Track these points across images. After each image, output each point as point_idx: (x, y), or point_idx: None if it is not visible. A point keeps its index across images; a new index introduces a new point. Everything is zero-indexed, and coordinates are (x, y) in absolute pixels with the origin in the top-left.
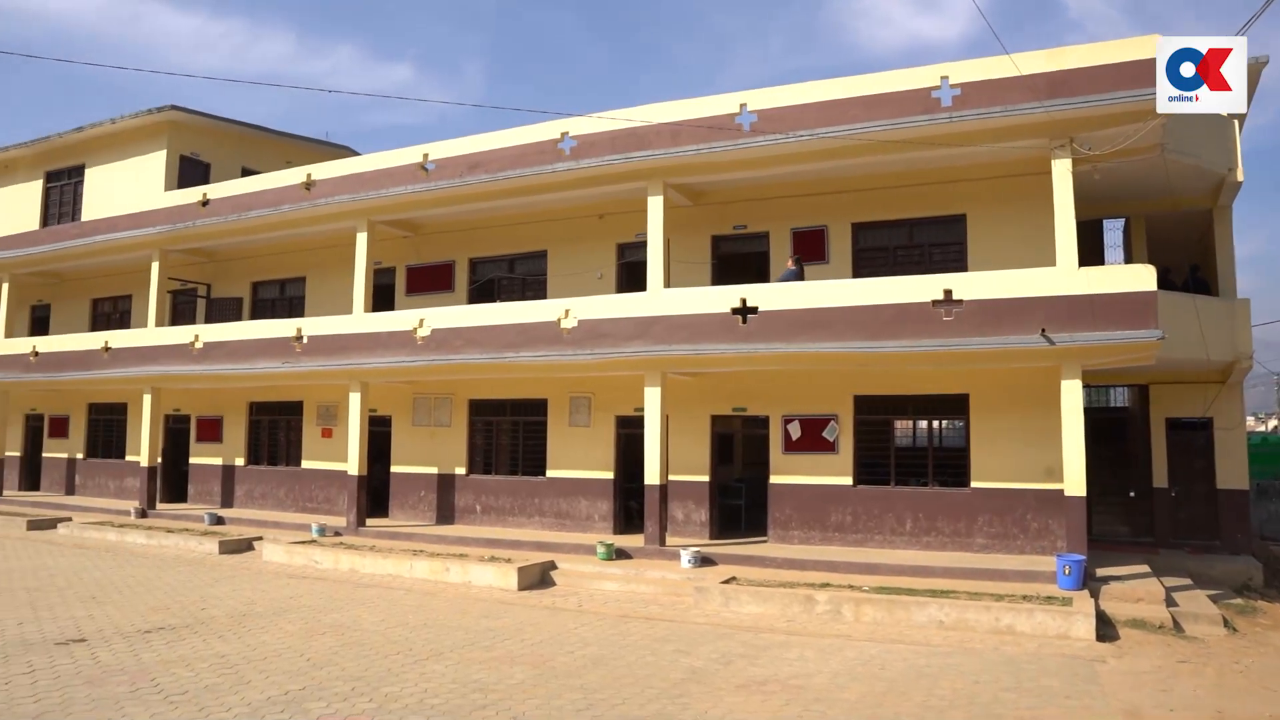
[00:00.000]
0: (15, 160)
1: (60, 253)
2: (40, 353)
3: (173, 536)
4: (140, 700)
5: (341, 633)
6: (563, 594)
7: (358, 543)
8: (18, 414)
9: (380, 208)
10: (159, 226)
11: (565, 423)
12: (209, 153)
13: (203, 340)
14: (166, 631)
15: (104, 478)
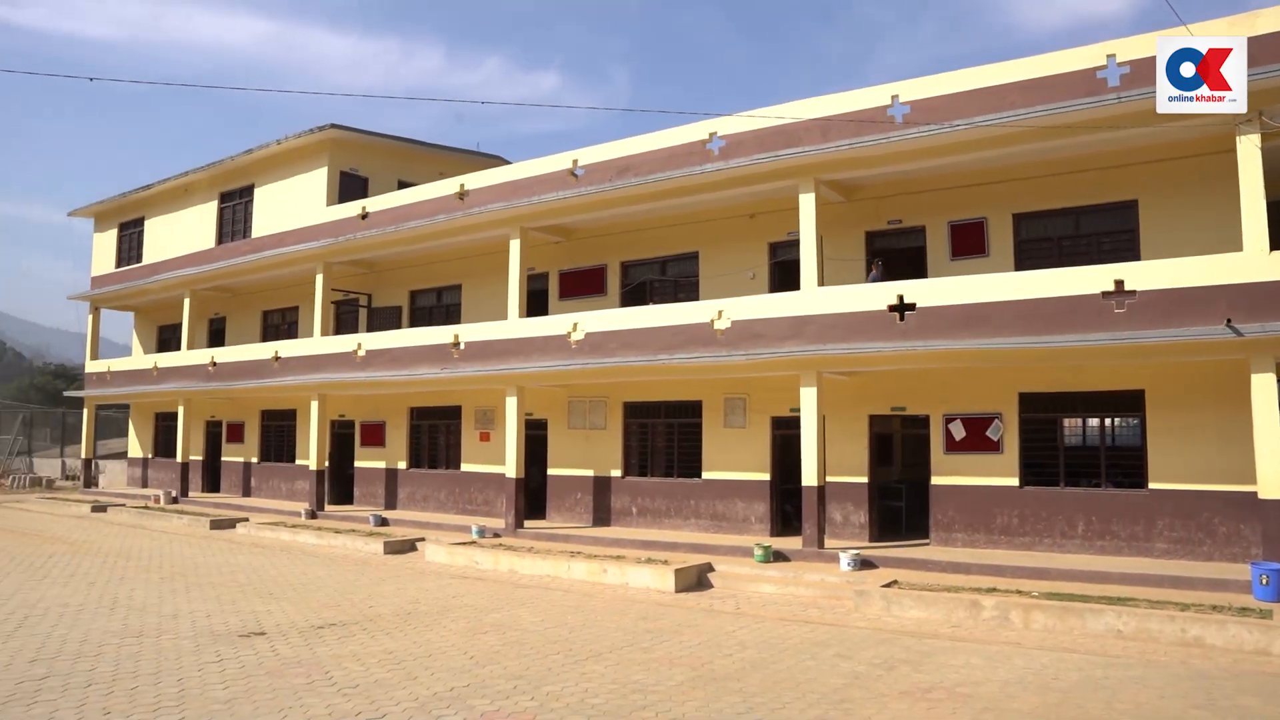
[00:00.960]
0: (193, 184)
1: (234, 268)
2: (218, 363)
3: (340, 537)
4: (315, 692)
5: (502, 632)
6: (720, 596)
7: (516, 544)
8: (199, 421)
9: (532, 214)
10: (322, 240)
11: (720, 424)
12: (367, 167)
13: (365, 348)
14: (338, 627)
15: (276, 480)
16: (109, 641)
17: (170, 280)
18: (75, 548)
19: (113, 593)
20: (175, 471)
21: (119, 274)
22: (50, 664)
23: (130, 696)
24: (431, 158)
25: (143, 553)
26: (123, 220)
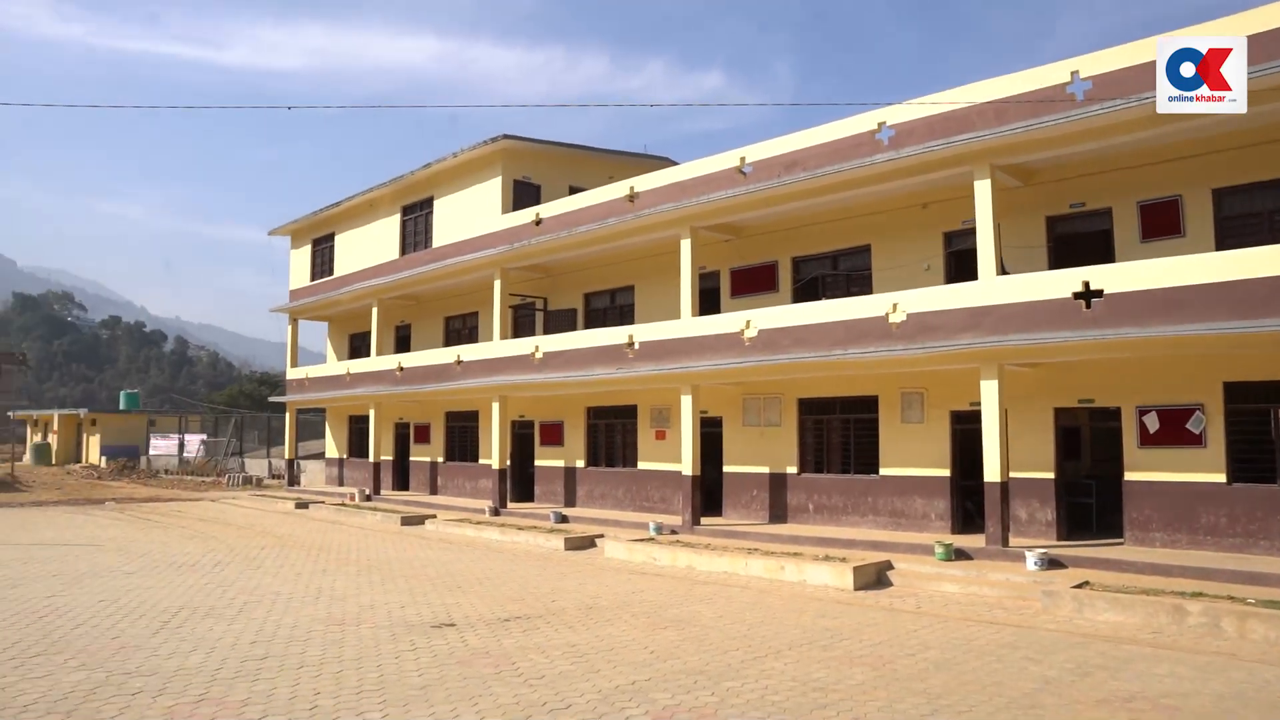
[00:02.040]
0: (377, 199)
1: (416, 277)
2: (405, 368)
3: (523, 534)
4: (503, 681)
5: (682, 627)
6: (900, 595)
7: (693, 541)
8: (388, 423)
9: (701, 214)
10: (499, 247)
11: (897, 419)
12: (539, 174)
13: (542, 350)
14: (522, 620)
15: (461, 479)
16: (315, 628)
17: (359, 291)
18: (283, 541)
19: (317, 584)
20: (368, 471)
21: (313, 287)
22: (267, 646)
23: (336, 679)
24: (600, 162)
25: (341, 547)
26: (315, 237)
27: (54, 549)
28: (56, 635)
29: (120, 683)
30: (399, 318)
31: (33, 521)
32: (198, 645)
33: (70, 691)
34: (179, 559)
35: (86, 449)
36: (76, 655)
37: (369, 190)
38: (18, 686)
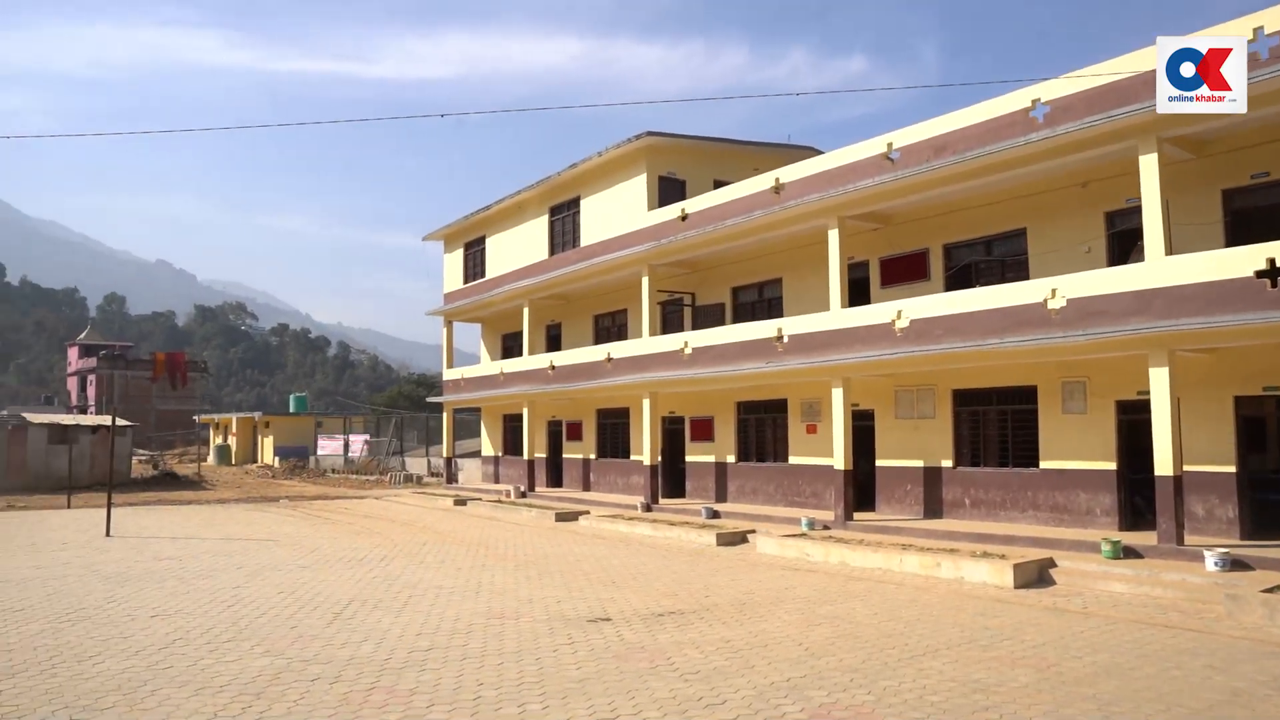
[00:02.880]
0: (526, 201)
1: (565, 277)
2: (556, 366)
3: (675, 529)
4: (659, 676)
5: (836, 624)
6: (1064, 594)
7: (846, 536)
8: (541, 421)
9: (848, 203)
10: (645, 244)
11: (1057, 410)
12: (683, 170)
13: (691, 346)
14: (676, 616)
15: (613, 475)
16: (477, 621)
17: (510, 292)
18: (443, 537)
19: (477, 578)
20: (522, 468)
21: (466, 290)
22: (432, 638)
23: (497, 671)
24: (744, 155)
25: (498, 542)
26: (467, 240)
27: (237, 543)
28: (243, 623)
29: (300, 669)
30: (549, 317)
31: (218, 518)
32: (368, 636)
33: (257, 675)
34: (347, 554)
35: (261, 449)
36: (261, 642)
37: (517, 193)
38: (214, 669)
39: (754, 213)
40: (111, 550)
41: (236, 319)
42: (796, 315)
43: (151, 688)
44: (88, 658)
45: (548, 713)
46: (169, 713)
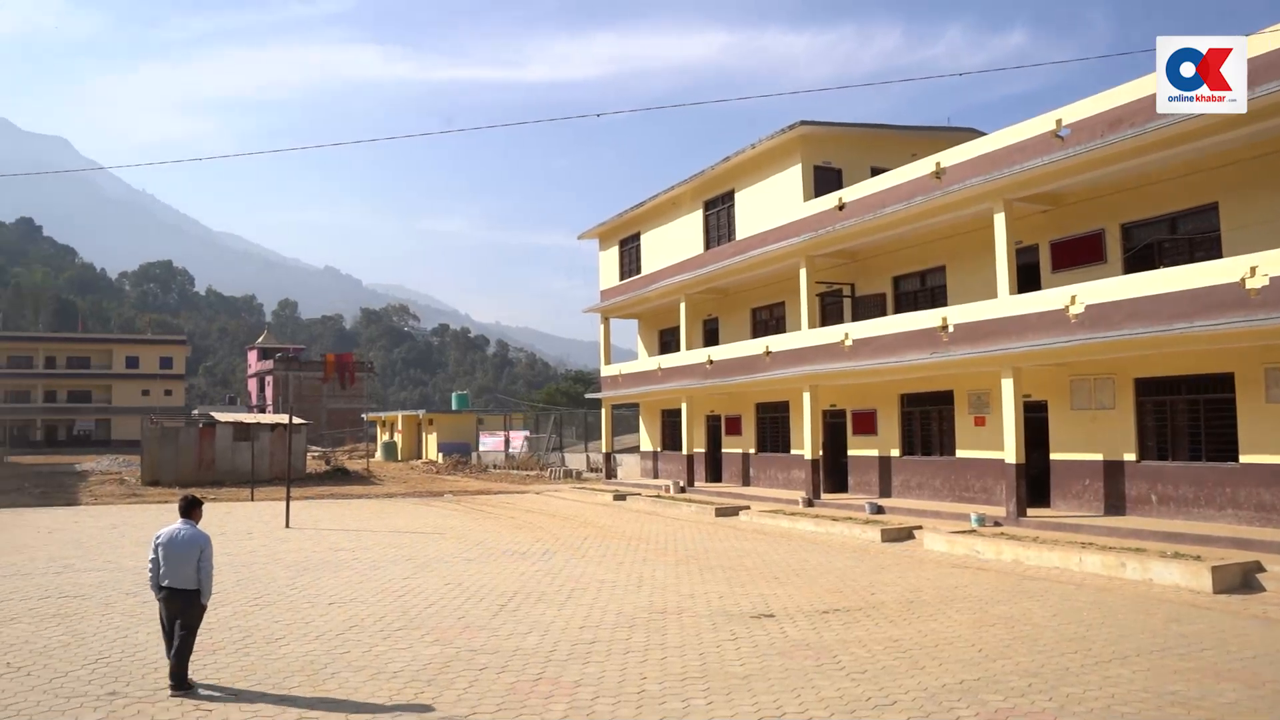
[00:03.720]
0: (679, 196)
1: (721, 271)
2: (714, 360)
3: (837, 525)
4: (825, 674)
5: (1011, 625)
6: (1274, 602)
7: (1019, 533)
8: (700, 416)
9: (1014, 185)
10: (802, 236)
11: (1260, 399)
12: (839, 158)
13: (851, 338)
14: (841, 613)
15: (773, 470)
16: (639, 615)
17: (666, 287)
18: (603, 532)
19: (638, 572)
20: (681, 463)
21: (622, 286)
22: (595, 631)
23: (661, 666)
24: (902, 140)
25: (658, 537)
26: (622, 237)
27: (405, 536)
28: (413, 613)
29: (468, 659)
30: (706, 311)
31: (386, 511)
32: (532, 628)
33: (428, 664)
34: (510, 547)
35: (425, 446)
36: (430, 632)
37: (671, 188)
38: (387, 656)
39: (914, 199)
40: (291, 541)
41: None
42: (962, 304)
43: (331, 670)
44: (275, 640)
45: (712, 708)
46: (348, 695)
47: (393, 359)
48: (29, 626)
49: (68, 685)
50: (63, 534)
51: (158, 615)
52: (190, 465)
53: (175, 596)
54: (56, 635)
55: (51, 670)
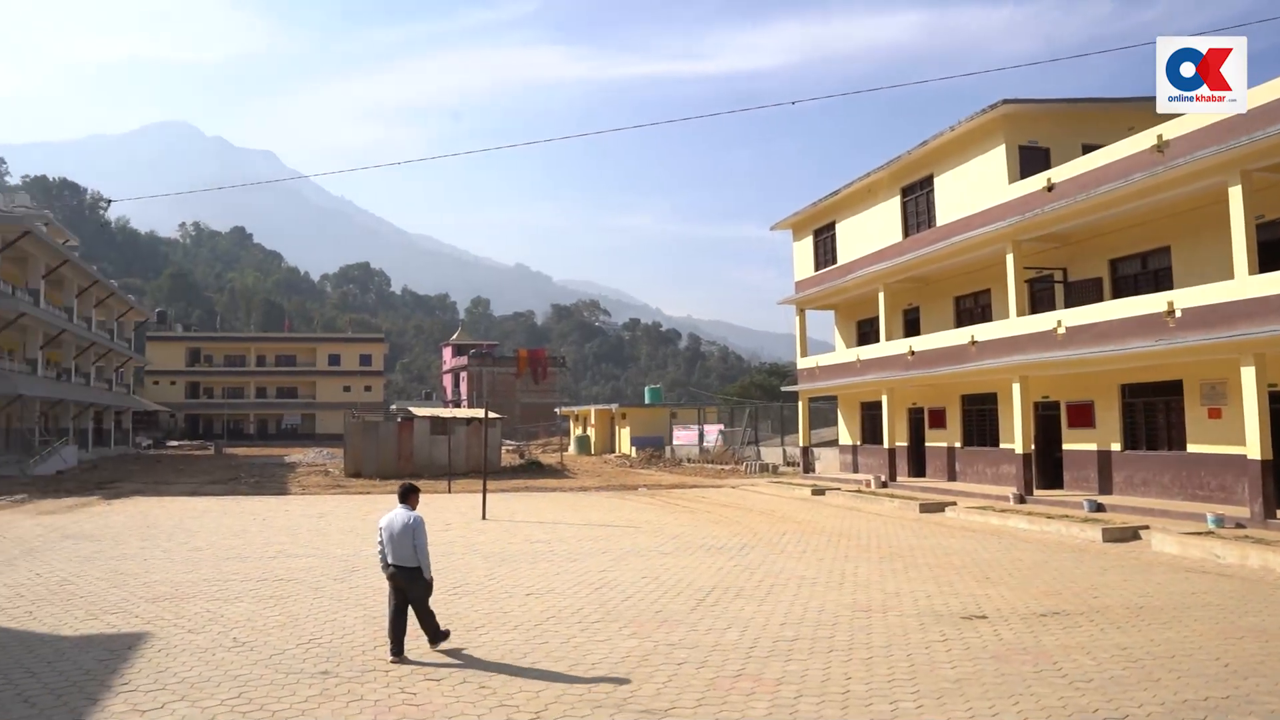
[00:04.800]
0: (875, 183)
1: (921, 259)
2: (915, 351)
3: (1053, 523)
4: (1045, 681)
5: (1265, 639)
6: None
7: (1267, 536)
8: (901, 408)
9: (1254, 154)
10: (1008, 219)
11: None
12: (1045, 137)
13: (1065, 325)
14: (1060, 617)
15: (980, 464)
16: (842, 613)
17: (863, 277)
18: (801, 527)
19: (839, 569)
20: (882, 457)
21: (817, 277)
22: (796, 628)
23: (866, 666)
24: (1116, 113)
25: (859, 533)
26: (816, 227)
27: (600, 529)
28: (610, 605)
29: (666, 653)
30: (906, 301)
31: (580, 504)
32: (731, 623)
33: (626, 656)
34: (706, 541)
35: (619, 440)
36: (628, 625)
37: (865, 176)
38: (585, 647)
39: (1133, 176)
40: (488, 532)
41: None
42: (1190, 286)
43: (530, 660)
44: (475, 628)
45: (922, 712)
46: (549, 683)
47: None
48: (250, 606)
49: (285, 662)
50: (275, 521)
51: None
52: (390, 458)
53: (401, 574)
54: (273, 616)
55: (270, 648)
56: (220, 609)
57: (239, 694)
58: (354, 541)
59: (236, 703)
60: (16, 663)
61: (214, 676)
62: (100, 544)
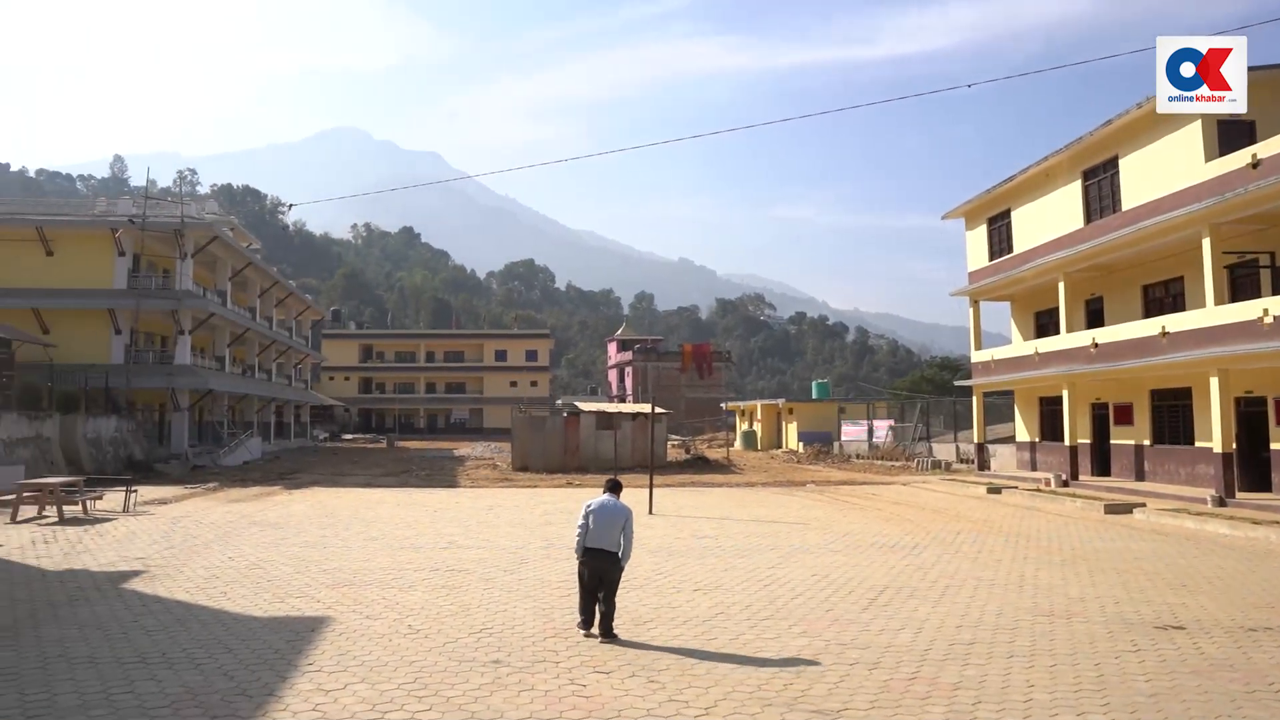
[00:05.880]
0: (1053, 168)
1: (1106, 245)
2: (1099, 344)
3: (1260, 529)
4: (1259, 703)
5: None
6: None
7: None
8: (1083, 404)
9: None
10: (1205, 201)
11: None
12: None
13: (1272, 314)
14: (1275, 632)
15: (1172, 464)
16: (1022, 618)
17: (1041, 266)
18: (977, 526)
19: (1018, 571)
20: (1062, 455)
21: (991, 267)
22: (973, 631)
23: (1050, 673)
24: None
25: (1039, 534)
26: (990, 215)
27: (767, 525)
28: (780, 603)
29: (837, 653)
30: (1088, 290)
31: (747, 500)
32: (904, 624)
33: (796, 654)
34: (877, 539)
35: (785, 435)
36: (798, 623)
37: (1043, 160)
38: (754, 644)
39: None
40: (655, 527)
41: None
42: None
43: (699, 656)
44: (642, 623)
45: None
46: (717, 679)
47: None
48: (424, 595)
49: (458, 650)
50: (445, 513)
51: (528, 592)
52: (556, 452)
53: (599, 557)
54: (446, 605)
55: (444, 636)
56: (396, 597)
57: (415, 679)
58: (522, 534)
59: (413, 687)
60: (216, 639)
61: (391, 661)
62: (284, 531)
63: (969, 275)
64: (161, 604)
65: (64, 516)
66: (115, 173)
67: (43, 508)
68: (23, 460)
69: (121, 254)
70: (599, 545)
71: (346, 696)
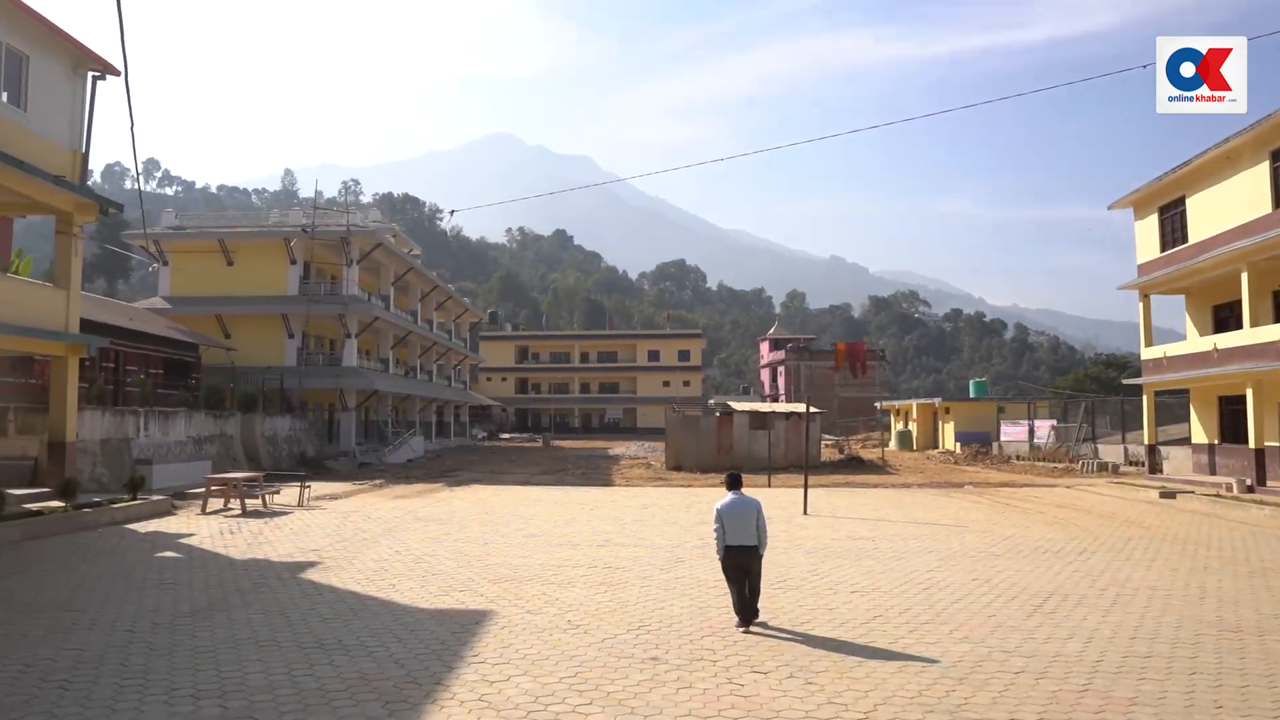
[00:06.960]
0: (1235, 150)
1: None
2: None
3: None
4: None
5: None
6: None
7: None
8: (1271, 404)
9: None
10: None
11: None
12: None
13: None
14: None
15: None
16: (1205, 632)
17: (1221, 256)
18: (1149, 532)
19: (1198, 581)
20: (1246, 458)
21: (1164, 258)
22: (1149, 644)
23: (1240, 694)
24: None
25: (1219, 542)
26: (1161, 204)
27: (924, 527)
28: (939, 607)
29: (1001, 660)
30: (1276, 281)
31: (903, 501)
32: (1073, 633)
33: (958, 661)
34: (1041, 544)
35: (942, 435)
36: (959, 628)
37: (1224, 141)
38: (914, 649)
39: None
40: (809, 527)
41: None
42: None
43: (858, 659)
44: (801, 623)
45: None
46: (877, 683)
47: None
48: (582, 591)
49: (616, 646)
50: (601, 511)
51: (684, 590)
52: (710, 451)
53: (741, 552)
54: (604, 601)
55: (602, 632)
56: (555, 592)
57: (575, 673)
58: (677, 533)
59: (574, 681)
60: (386, 629)
61: (552, 655)
62: (447, 527)
63: (1138, 268)
64: (335, 593)
65: (246, 509)
66: (285, 185)
67: (227, 501)
68: (209, 456)
69: (293, 262)
70: (739, 542)
71: (510, 688)
